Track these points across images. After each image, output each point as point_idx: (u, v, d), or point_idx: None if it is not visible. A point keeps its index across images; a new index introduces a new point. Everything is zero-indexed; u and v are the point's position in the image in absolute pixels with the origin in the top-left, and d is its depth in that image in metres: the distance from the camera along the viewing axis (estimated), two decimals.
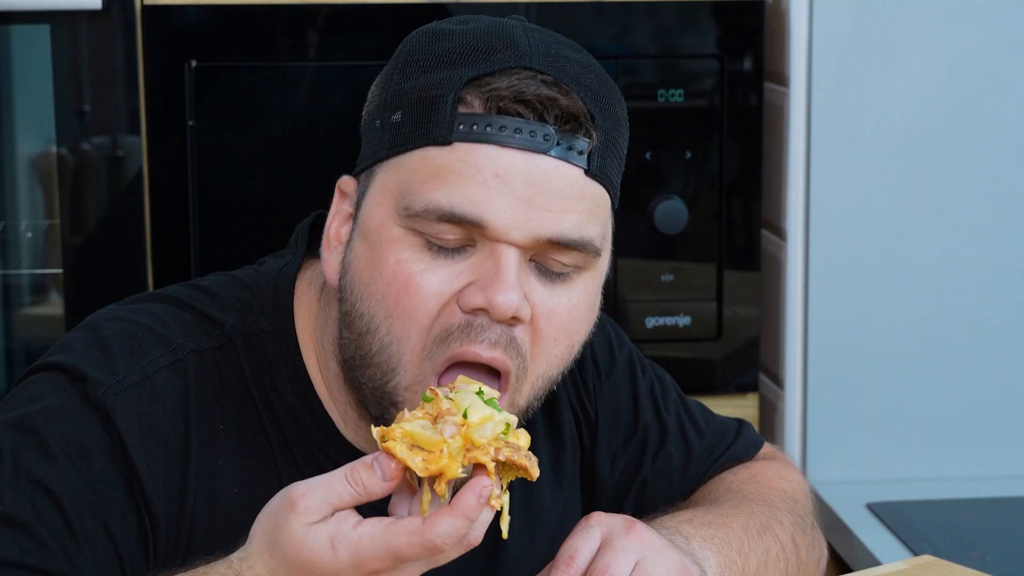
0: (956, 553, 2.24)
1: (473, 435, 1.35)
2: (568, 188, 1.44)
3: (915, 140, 2.62)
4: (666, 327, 2.62)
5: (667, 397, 1.79)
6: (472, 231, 1.43)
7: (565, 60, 1.48)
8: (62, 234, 2.50)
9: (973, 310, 2.67)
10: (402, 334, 1.46)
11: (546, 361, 1.49)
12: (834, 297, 2.65)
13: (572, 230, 1.44)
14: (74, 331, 1.58)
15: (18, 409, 1.50)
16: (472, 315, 1.44)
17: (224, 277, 1.63)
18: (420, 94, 1.45)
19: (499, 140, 1.42)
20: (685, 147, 2.61)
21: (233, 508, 1.52)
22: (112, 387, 1.49)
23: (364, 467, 1.35)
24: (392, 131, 1.46)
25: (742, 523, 1.64)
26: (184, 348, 1.54)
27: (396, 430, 1.36)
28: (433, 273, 1.44)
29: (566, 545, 1.48)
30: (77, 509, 1.45)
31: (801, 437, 2.68)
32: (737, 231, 2.66)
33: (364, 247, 1.48)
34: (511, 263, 1.43)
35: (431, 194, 1.43)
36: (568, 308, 1.48)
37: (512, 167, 1.42)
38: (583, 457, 1.73)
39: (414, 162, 1.45)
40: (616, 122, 1.50)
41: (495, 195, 1.42)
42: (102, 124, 2.50)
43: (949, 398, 2.68)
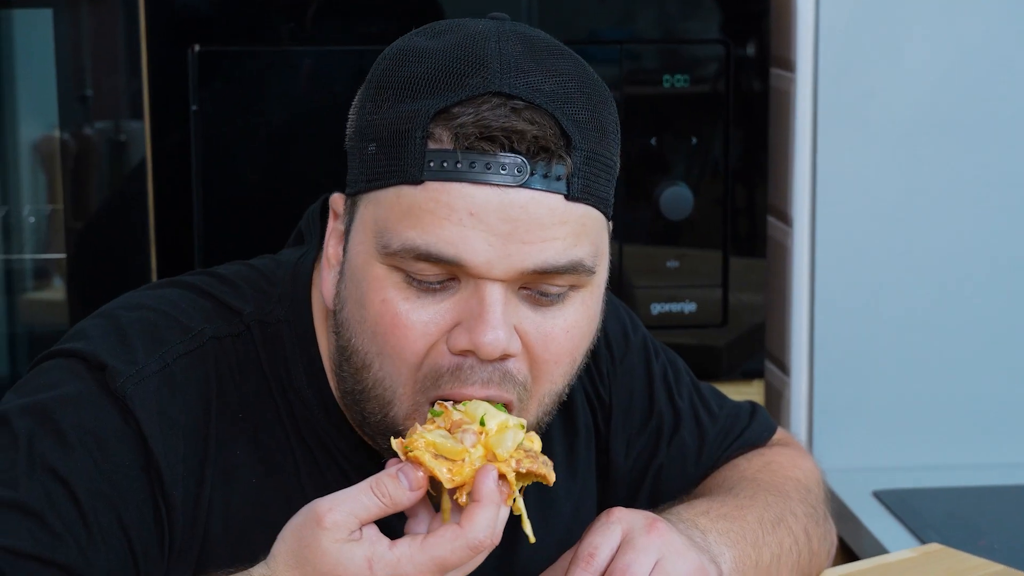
0: (964, 542, 2.23)
1: (495, 449, 1.37)
2: (548, 217, 1.40)
3: (922, 126, 2.61)
4: (671, 313, 2.61)
5: (680, 382, 1.78)
6: (453, 269, 1.41)
7: (540, 75, 1.42)
8: (65, 219, 2.49)
9: (980, 297, 2.66)
10: (393, 371, 1.45)
11: (550, 382, 1.48)
12: (840, 284, 2.64)
13: (557, 257, 1.41)
14: (91, 318, 1.56)
15: (34, 395, 1.48)
16: (461, 356, 1.43)
17: (241, 266, 1.62)
18: (391, 127, 1.42)
19: (470, 177, 1.39)
20: (690, 133, 2.60)
21: (250, 498, 1.52)
22: (131, 376, 1.48)
23: (389, 478, 1.35)
24: (368, 163, 1.44)
25: (757, 515, 1.64)
26: (204, 335, 1.53)
27: (419, 440, 1.36)
28: (418, 312, 1.42)
29: (586, 541, 1.47)
30: (91, 500, 1.44)
31: (807, 424, 2.67)
32: (743, 217, 2.65)
33: (352, 285, 1.47)
34: (495, 300, 1.41)
35: (406, 233, 1.40)
36: (565, 329, 1.45)
37: (486, 204, 1.39)
38: (598, 443, 1.73)
39: (389, 199, 1.42)
40: (601, 133, 1.45)
41: (471, 234, 1.39)
42: (105, 109, 2.49)
43: (956, 385, 2.67)
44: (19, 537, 1.40)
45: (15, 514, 1.41)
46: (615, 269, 2.61)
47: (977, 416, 2.68)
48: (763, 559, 1.61)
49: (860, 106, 2.61)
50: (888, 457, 2.67)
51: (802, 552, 1.67)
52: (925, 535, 2.34)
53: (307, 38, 2.50)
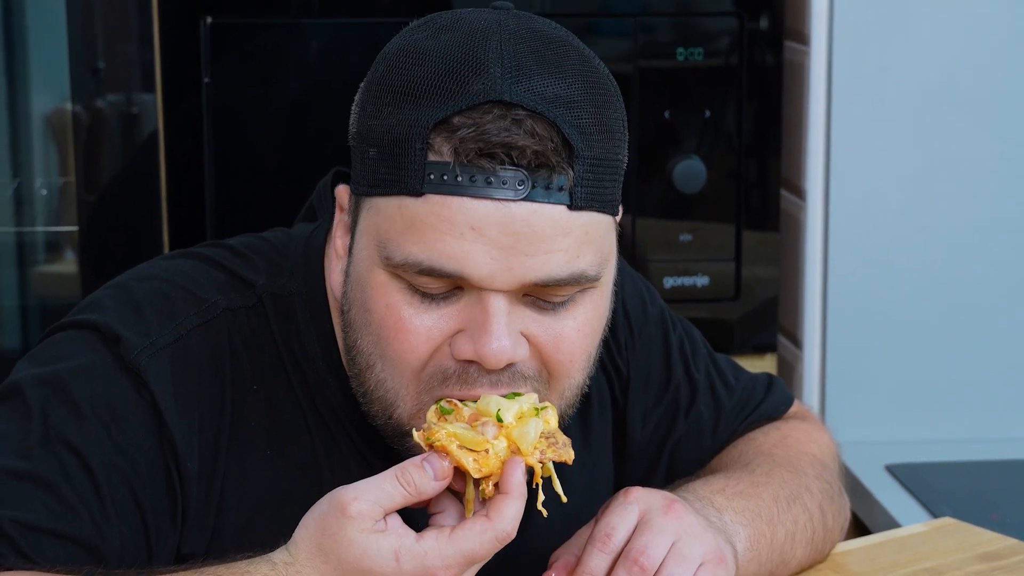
0: (976, 515, 2.23)
1: (519, 443, 1.37)
2: (550, 229, 1.38)
3: (937, 99, 2.61)
4: (684, 287, 2.61)
5: (697, 354, 1.78)
6: (456, 280, 1.40)
7: (542, 77, 1.39)
8: (77, 192, 2.49)
9: (993, 271, 2.65)
10: (395, 373, 1.45)
11: (568, 377, 1.47)
12: (853, 257, 2.64)
13: (559, 269, 1.39)
14: (104, 289, 1.56)
15: (48, 366, 1.48)
16: (464, 364, 1.43)
17: (253, 238, 1.61)
18: (390, 135, 1.40)
19: (471, 192, 1.37)
20: (704, 106, 2.59)
21: (264, 470, 1.52)
22: (146, 348, 1.48)
23: (415, 467, 1.35)
24: (370, 168, 1.42)
25: (772, 492, 1.63)
26: (217, 307, 1.53)
27: (440, 431, 1.36)
28: (422, 318, 1.42)
29: (603, 522, 1.47)
30: (105, 472, 1.44)
31: (819, 398, 2.67)
32: (756, 191, 2.64)
33: (357, 288, 1.46)
34: (499, 310, 1.40)
35: (409, 248, 1.39)
36: (575, 328, 1.44)
37: (487, 218, 1.37)
38: (615, 415, 1.73)
39: (391, 210, 1.41)
40: (606, 135, 1.42)
41: (472, 248, 1.38)
42: (117, 81, 2.49)
43: (969, 359, 2.67)
44: (33, 509, 1.40)
45: (29, 485, 1.41)
46: (628, 243, 2.61)
47: (990, 390, 2.68)
48: (778, 537, 1.61)
49: (874, 79, 2.60)
50: (900, 431, 2.67)
51: (816, 529, 1.67)
52: (937, 509, 2.34)
53: (320, 10, 2.49)
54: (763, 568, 1.60)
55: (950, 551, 1.75)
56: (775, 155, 2.64)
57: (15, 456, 1.43)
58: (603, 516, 1.48)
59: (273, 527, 1.50)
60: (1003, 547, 1.76)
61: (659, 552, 1.46)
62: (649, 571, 1.45)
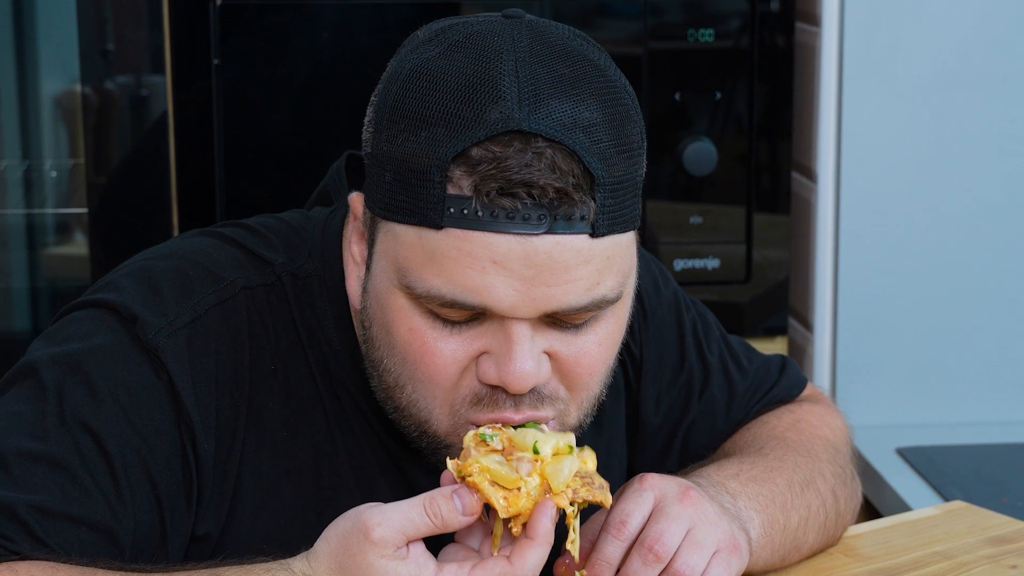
0: (987, 499, 2.23)
1: (551, 480, 1.36)
2: (572, 259, 1.37)
3: (947, 81, 2.60)
4: (695, 269, 2.60)
5: (710, 336, 1.77)
6: (478, 309, 1.40)
7: (559, 99, 1.37)
8: (86, 174, 2.49)
9: (1005, 254, 2.65)
10: (427, 394, 1.45)
11: (587, 389, 1.47)
12: (864, 240, 2.63)
13: (579, 298, 1.39)
14: (121, 268, 1.55)
15: (64, 345, 1.48)
16: (492, 387, 1.43)
17: (271, 219, 1.61)
18: (407, 162, 1.38)
19: (492, 227, 1.35)
20: (715, 88, 2.59)
21: (280, 450, 1.51)
22: (163, 329, 1.47)
23: (444, 499, 1.35)
24: (386, 191, 1.41)
25: (786, 478, 1.63)
26: (235, 285, 1.52)
27: (474, 465, 1.36)
28: (447, 342, 1.41)
29: (618, 508, 1.47)
30: (121, 454, 1.43)
31: (830, 381, 2.67)
32: (767, 173, 2.64)
33: (377, 308, 1.46)
34: (522, 336, 1.39)
35: (431, 280, 1.39)
36: (597, 344, 1.44)
37: (509, 253, 1.36)
38: (628, 397, 1.72)
39: (410, 240, 1.40)
40: (626, 154, 1.41)
41: (494, 281, 1.37)
42: (126, 63, 2.48)
43: (980, 342, 2.66)
44: (49, 493, 1.40)
45: (45, 467, 1.41)
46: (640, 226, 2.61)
47: (1001, 373, 2.67)
48: (791, 522, 1.61)
49: (885, 61, 2.59)
50: (911, 414, 2.67)
51: (829, 514, 1.67)
52: (948, 492, 2.33)
53: None
54: (776, 554, 1.60)
55: (961, 534, 1.75)
56: (786, 137, 2.63)
57: (30, 437, 1.42)
58: (618, 503, 1.48)
59: (287, 508, 1.51)
60: (1014, 530, 1.76)
61: (674, 540, 1.45)
62: (664, 559, 1.45)
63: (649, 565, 1.44)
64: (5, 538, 1.37)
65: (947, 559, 1.69)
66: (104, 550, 1.41)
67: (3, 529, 1.37)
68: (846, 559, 1.69)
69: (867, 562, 1.69)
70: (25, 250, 2.68)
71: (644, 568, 1.45)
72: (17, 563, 1.36)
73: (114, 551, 1.41)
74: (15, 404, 1.45)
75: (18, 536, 1.37)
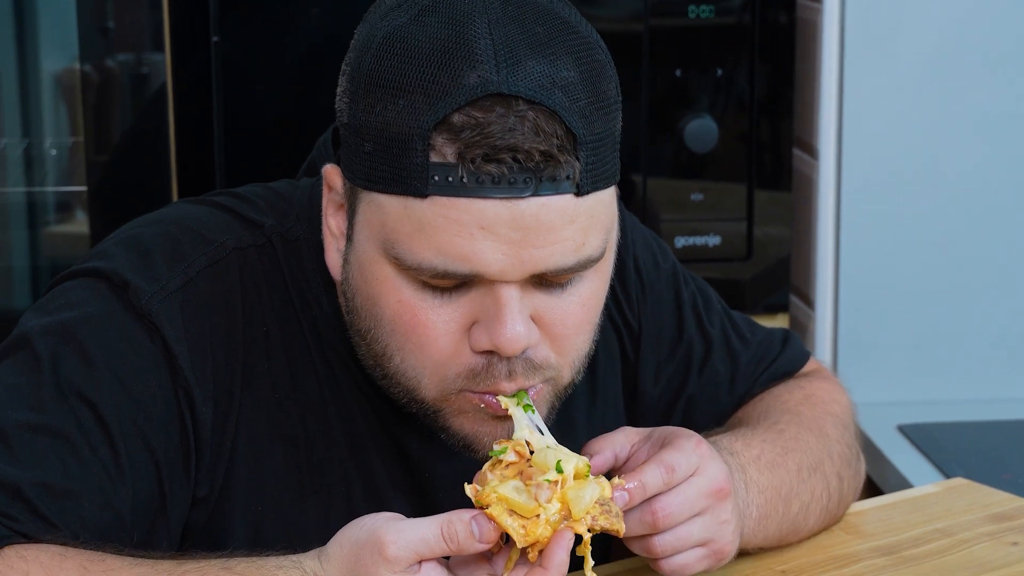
0: (988, 475, 2.22)
1: (572, 505, 1.36)
2: (558, 219, 1.37)
3: (949, 57, 2.59)
4: (696, 247, 2.60)
5: (711, 309, 1.77)
6: (467, 277, 1.40)
7: (535, 59, 1.36)
8: (86, 152, 2.49)
9: (1007, 231, 2.64)
10: (417, 364, 1.44)
11: (576, 349, 1.47)
12: (866, 217, 2.63)
13: (566, 259, 1.39)
14: (112, 237, 1.55)
15: (56, 315, 1.47)
16: (488, 355, 1.42)
17: (258, 186, 1.61)
18: (387, 132, 1.38)
19: (478, 193, 1.35)
20: (716, 65, 2.58)
21: (273, 412, 1.51)
22: (155, 294, 1.47)
23: (462, 524, 1.34)
24: (366, 161, 1.40)
25: (797, 461, 1.64)
26: (226, 246, 1.51)
27: (492, 495, 1.35)
28: (437, 312, 1.41)
29: (670, 455, 1.46)
30: (119, 423, 1.43)
31: (832, 358, 2.67)
32: (768, 150, 2.63)
33: (361, 278, 1.45)
34: (511, 299, 1.39)
35: (420, 252, 1.38)
36: (580, 303, 1.44)
37: (496, 217, 1.36)
38: (625, 369, 1.72)
39: (395, 210, 1.39)
40: (604, 109, 1.41)
41: (482, 247, 1.37)
42: (126, 41, 2.48)
43: (982, 319, 2.66)
44: (50, 466, 1.40)
45: (44, 439, 1.41)
46: (640, 202, 2.61)
47: (1003, 350, 2.67)
48: (791, 511, 1.61)
49: (887, 37, 2.58)
50: (913, 391, 2.67)
51: (832, 496, 1.67)
52: (949, 469, 2.33)
53: None
54: (769, 540, 1.61)
55: (962, 511, 1.75)
56: (787, 114, 2.63)
57: (28, 409, 1.42)
58: (670, 451, 1.47)
59: (280, 470, 1.51)
60: (1015, 507, 1.76)
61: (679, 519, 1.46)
62: (659, 529, 1.46)
63: (644, 524, 1.45)
64: (9, 517, 1.37)
65: (948, 536, 1.69)
66: (105, 520, 1.41)
67: (8, 508, 1.37)
68: (847, 536, 1.70)
69: (868, 539, 1.69)
70: (25, 228, 2.67)
71: (638, 524, 1.45)
72: (26, 548, 1.36)
73: (115, 521, 1.41)
74: (10, 376, 1.44)
75: (22, 515, 1.37)
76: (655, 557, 1.47)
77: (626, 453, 1.50)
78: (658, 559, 1.48)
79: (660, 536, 1.46)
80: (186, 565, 1.38)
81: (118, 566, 1.36)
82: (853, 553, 1.66)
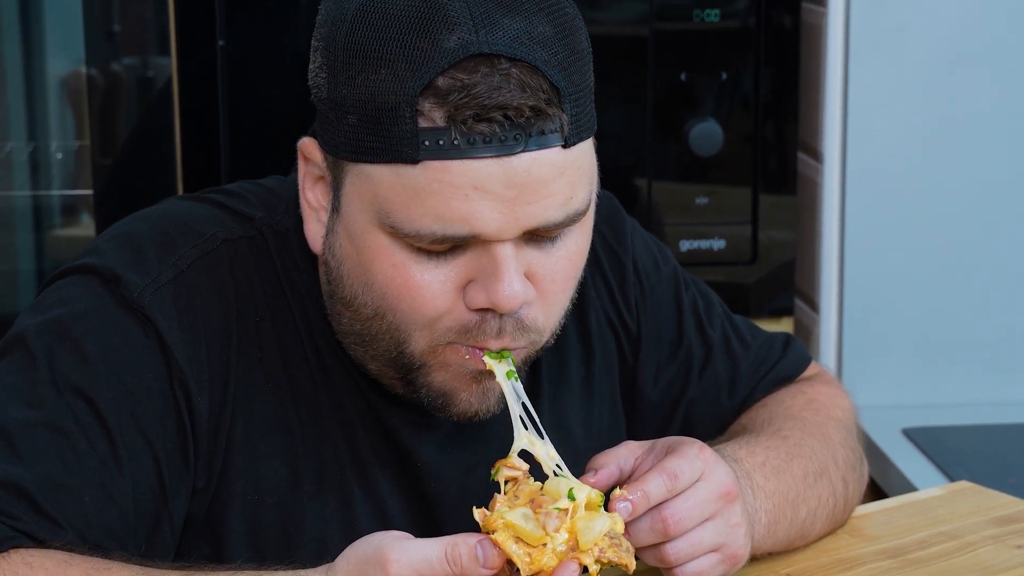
0: (993, 479, 2.22)
1: (580, 536, 1.35)
2: (549, 173, 1.39)
3: (954, 60, 2.59)
4: (700, 250, 2.60)
5: (712, 313, 1.77)
6: (467, 239, 1.41)
7: (510, 16, 1.38)
8: (92, 155, 2.49)
9: (1012, 234, 2.65)
10: (408, 321, 1.45)
11: (561, 306, 1.49)
12: (871, 220, 2.63)
13: (556, 213, 1.41)
14: (103, 234, 1.56)
15: (49, 312, 1.48)
16: (481, 312, 1.43)
17: (248, 183, 1.62)
18: (371, 102, 1.39)
19: (470, 153, 1.37)
20: (720, 68, 2.58)
21: (269, 401, 1.52)
22: (147, 287, 1.47)
23: (467, 548, 1.34)
24: (351, 134, 1.41)
25: (802, 467, 1.63)
26: (216, 238, 1.52)
27: (499, 521, 1.35)
28: (432, 273, 1.42)
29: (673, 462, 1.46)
30: (117, 417, 1.43)
31: (836, 361, 2.67)
32: (773, 154, 2.63)
33: (351, 246, 1.46)
34: (508, 257, 1.41)
35: (418, 220, 1.39)
36: (568, 257, 1.46)
37: (489, 176, 1.37)
38: (623, 372, 1.72)
39: (387, 179, 1.40)
40: (580, 62, 1.42)
41: (478, 207, 1.38)
42: (132, 44, 2.48)
43: (987, 322, 2.66)
44: (49, 463, 1.40)
45: (44, 434, 1.41)
46: (644, 206, 2.61)
47: (1008, 353, 2.67)
48: (798, 516, 1.61)
49: (892, 41, 2.58)
50: (917, 394, 2.67)
51: (838, 502, 1.67)
52: (954, 472, 2.33)
53: None
54: (778, 546, 1.61)
55: (967, 515, 1.75)
56: (792, 117, 2.63)
57: (25, 406, 1.43)
58: (673, 458, 1.46)
59: (277, 458, 1.52)
60: (1020, 511, 1.76)
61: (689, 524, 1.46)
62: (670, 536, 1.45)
63: (655, 532, 1.44)
64: (12, 517, 1.37)
65: (953, 539, 1.69)
66: (108, 514, 1.41)
67: (10, 507, 1.37)
68: (851, 539, 1.70)
69: (873, 542, 1.69)
70: (31, 232, 2.68)
71: (649, 534, 1.45)
72: (32, 554, 1.36)
73: (118, 514, 1.42)
74: (7, 376, 1.45)
75: (25, 514, 1.37)
76: (669, 566, 1.46)
77: (630, 466, 1.49)
78: (672, 568, 1.47)
79: (672, 544, 1.45)
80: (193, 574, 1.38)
81: (124, 575, 1.36)
82: (858, 556, 1.66)
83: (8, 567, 1.35)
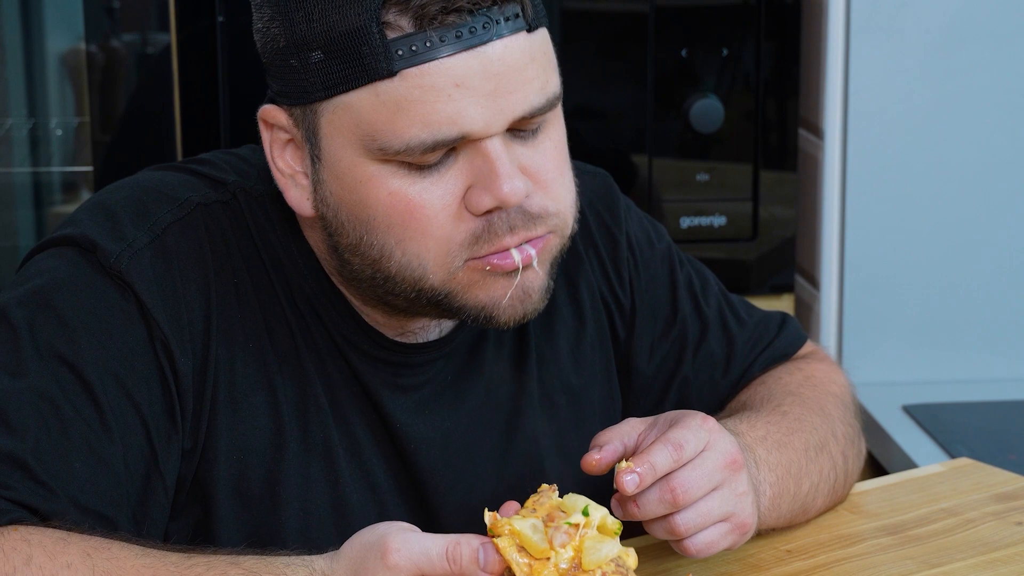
0: (993, 455, 2.23)
1: (586, 555, 1.34)
2: (520, 59, 1.42)
3: (955, 36, 2.59)
4: (701, 227, 2.60)
5: (707, 290, 1.78)
6: (454, 143, 1.43)
7: None
8: (92, 132, 2.49)
9: (1012, 212, 2.64)
10: (420, 250, 1.46)
11: (564, 190, 1.50)
12: (871, 197, 2.63)
13: (536, 98, 1.44)
14: (79, 207, 1.57)
15: (27, 284, 1.49)
16: (487, 216, 1.44)
17: (220, 152, 1.64)
18: (335, 30, 1.40)
19: (444, 51, 1.39)
20: (721, 44, 2.58)
21: (251, 361, 1.53)
22: (123, 252, 1.48)
23: (469, 550, 1.34)
24: (318, 72, 1.43)
25: (803, 441, 1.64)
26: (191, 202, 1.54)
27: (505, 527, 1.34)
28: (430, 191, 1.44)
29: (678, 433, 1.46)
30: (102, 382, 1.44)
31: (837, 338, 2.67)
32: (774, 130, 2.63)
33: (342, 188, 1.47)
34: (501, 153, 1.43)
35: (405, 132, 1.41)
36: (553, 146, 1.48)
37: (467, 70, 1.40)
38: (616, 347, 1.73)
39: (367, 101, 1.42)
40: None
41: (462, 105, 1.40)
42: (131, 20, 2.48)
43: (987, 299, 2.66)
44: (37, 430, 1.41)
45: (30, 403, 1.42)
46: (645, 183, 2.61)
47: (1007, 330, 2.67)
48: (801, 490, 1.62)
49: (893, 17, 2.58)
50: (918, 371, 2.67)
51: (839, 476, 1.68)
52: (954, 449, 2.33)
53: None
54: (781, 520, 1.61)
55: (967, 491, 1.75)
56: (793, 94, 2.63)
57: (10, 376, 1.43)
58: (678, 429, 1.47)
59: (261, 418, 1.52)
60: (1020, 487, 1.76)
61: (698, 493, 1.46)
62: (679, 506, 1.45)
63: (664, 503, 1.45)
64: (5, 487, 1.38)
65: (953, 516, 1.69)
66: (99, 477, 1.42)
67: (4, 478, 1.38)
68: (852, 516, 1.70)
69: (873, 519, 1.69)
70: (31, 208, 2.68)
71: (658, 504, 1.45)
72: (31, 531, 1.36)
73: (109, 477, 1.42)
74: None
75: (19, 484, 1.38)
76: (679, 537, 1.47)
77: (634, 442, 1.49)
78: (682, 539, 1.47)
79: (682, 514, 1.45)
80: (194, 559, 1.38)
81: (123, 555, 1.37)
82: (858, 532, 1.66)
83: (7, 543, 1.35)
